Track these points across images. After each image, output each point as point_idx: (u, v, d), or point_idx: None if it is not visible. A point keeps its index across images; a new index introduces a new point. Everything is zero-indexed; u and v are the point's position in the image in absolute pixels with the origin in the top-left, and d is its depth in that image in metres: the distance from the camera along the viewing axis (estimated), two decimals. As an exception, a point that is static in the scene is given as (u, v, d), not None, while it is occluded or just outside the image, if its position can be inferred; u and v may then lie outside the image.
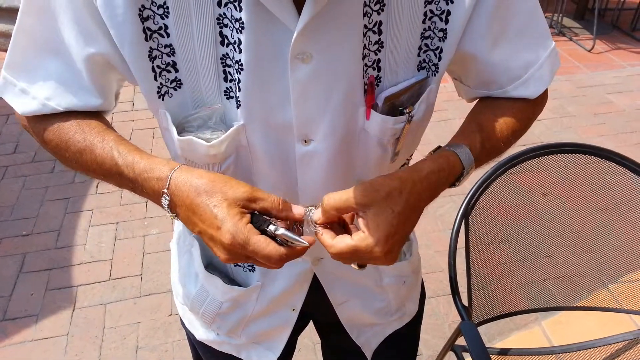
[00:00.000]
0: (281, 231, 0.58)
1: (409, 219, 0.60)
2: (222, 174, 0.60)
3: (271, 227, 0.58)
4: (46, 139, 0.68)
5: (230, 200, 0.57)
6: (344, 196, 0.58)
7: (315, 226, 0.62)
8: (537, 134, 3.11)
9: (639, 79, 3.75)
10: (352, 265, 0.64)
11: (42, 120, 0.67)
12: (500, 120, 0.73)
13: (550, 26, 4.48)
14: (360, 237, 0.58)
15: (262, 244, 0.56)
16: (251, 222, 0.58)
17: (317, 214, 0.61)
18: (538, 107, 0.78)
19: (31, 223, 2.43)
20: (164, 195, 0.59)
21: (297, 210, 0.61)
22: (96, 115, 0.69)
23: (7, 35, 3.89)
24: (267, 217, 0.59)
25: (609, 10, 4.79)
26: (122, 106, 3.34)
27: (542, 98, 0.76)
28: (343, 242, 0.59)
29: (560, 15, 4.39)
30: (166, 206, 0.60)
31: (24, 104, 0.65)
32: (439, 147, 0.69)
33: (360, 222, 0.59)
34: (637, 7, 4.53)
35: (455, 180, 0.67)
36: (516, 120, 0.74)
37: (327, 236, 0.60)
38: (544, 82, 0.72)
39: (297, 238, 0.58)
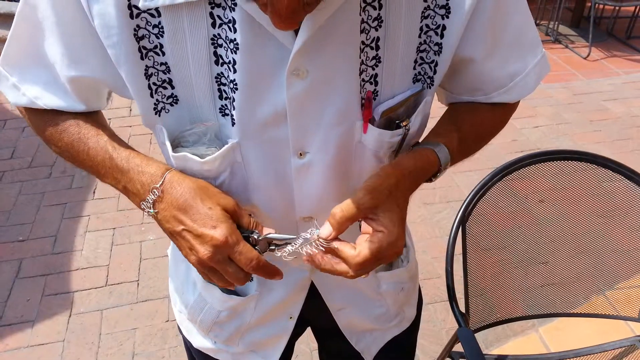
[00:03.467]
0: (271, 235, 0.63)
1: (405, 210, 0.65)
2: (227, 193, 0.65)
3: (255, 235, 0.63)
4: (40, 127, 0.71)
5: (222, 206, 0.62)
6: (352, 205, 0.60)
7: (321, 243, 0.61)
8: (534, 141, 3.12)
9: (635, 86, 3.77)
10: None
11: (36, 110, 0.70)
12: (477, 123, 0.76)
13: (546, 34, 4.51)
14: (380, 236, 0.60)
15: (249, 248, 0.62)
16: None
17: (325, 231, 0.61)
18: (513, 110, 0.81)
19: (28, 228, 2.42)
20: (154, 190, 0.62)
21: (267, 230, 0.65)
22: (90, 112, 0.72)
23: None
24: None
25: (605, 18, 4.82)
26: (120, 112, 3.34)
27: (519, 101, 0.78)
28: (366, 247, 0.60)
29: (556, 22, 4.42)
30: (151, 201, 0.63)
31: (16, 97, 0.68)
32: (418, 142, 0.71)
33: (373, 224, 0.61)
34: (632, 15, 4.57)
35: (431, 176, 0.70)
36: (492, 123, 0.79)
37: (347, 248, 0.61)
38: (527, 89, 0.74)
39: (287, 237, 0.63)
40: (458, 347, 1.25)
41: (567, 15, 4.74)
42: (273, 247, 0.64)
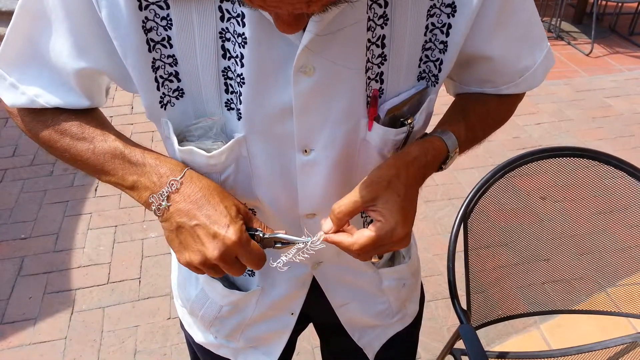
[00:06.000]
0: (279, 235, 0.65)
1: (412, 200, 0.65)
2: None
3: (259, 233, 0.64)
4: (37, 129, 0.69)
5: (237, 207, 0.64)
6: (352, 199, 0.62)
7: (318, 242, 0.64)
8: (536, 138, 3.12)
9: (637, 83, 3.76)
10: (372, 259, 0.66)
11: (33, 111, 0.68)
12: (484, 112, 0.77)
13: (549, 30, 4.50)
14: (378, 225, 0.62)
15: (257, 246, 0.64)
16: None
17: (327, 226, 0.64)
18: (520, 99, 0.81)
19: (30, 226, 2.42)
20: (172, 182, 0.62)
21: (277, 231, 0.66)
22: (91, 109, 0.70)
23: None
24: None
25: (607, 14, 4.81)
26: (121, 110, 3.34)
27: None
28: (363, 235, 0.62)
29: (559, 19, 4.40)
30: (165, 193, 0.62)
31: (14, 98, 0.66)
32: (425, 133, 0.71)
33: (373, 214, 0.63)
34: (635, 11, 4.55)
35: (441, 163, 0.70)
36: (499, 112, 0.79)
37: (343, 237, 0.63)
38: (535, 82, 0.75)
39: (293, 238, 0.64)
40: (459, 344, 1.25)
41: (569, 12, 4.72)
42: (279, 245, 0.65)
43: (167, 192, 0.62)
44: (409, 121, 0.67)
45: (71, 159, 0.69)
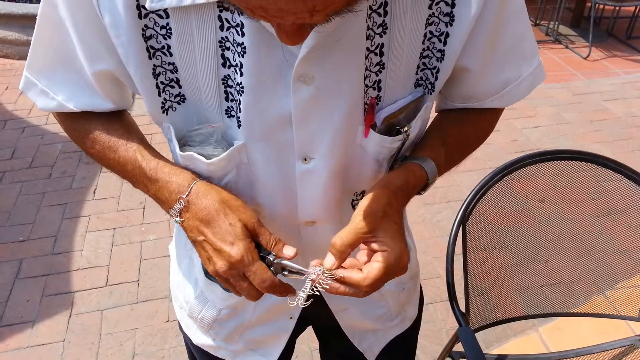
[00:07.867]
0: (285, 262, 0.63)
1: (402, 225, 0.66)
2: (237, 196, 0.66)
3: (271, 257, 0.63)
4: (73, 135, 0.74)
5: (244, 222, 0.63)
6: (352, 232, 0.61)
7: (328, 276, 0.61)
8: (534, 141, 3.13)
9: (635, 86, 3.77)
10: None
11: (69, 116, 0.72)
12: (463, 135, 0.77)
13: (547, 34, 4.52)
14: (385, 255, 0.61)
15: (263, 268, 0.63)
16: None
17: (329, 262, 0.62)
18: (500, 114, 0.81)
19: (28, 229, 2.42)
20: (180, 200, 0.64)
21: (287, 251, 0.64)
22: (119, 112, 0.73)
23: (5, 42, 3.89)
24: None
25: (605, 18, 4.83)
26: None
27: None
28: (373, 268, 0.61)
29: (556, 23, 4.42)
30: (177, 210, 0.64)
31: (45, 102, 0.69)
32: (406, 157, 0.72)
33: (376, 245, 0.62)
34: (632, 15, 4.57)
35: (420, 189, 0.71)
36: (479, 132, 0.80)
37: (353, 273, 0.61)
38: (519, 96, 0.74)
39: (299, 267, 0.62)
40: (458, 347, 1.25)
41: (567, 15, 4.74)
42: (286, 272, 0.64)
43: (178, 209, 0.64)
44: (405, 129, 0.68)
45: (107, 166, 0.73)
